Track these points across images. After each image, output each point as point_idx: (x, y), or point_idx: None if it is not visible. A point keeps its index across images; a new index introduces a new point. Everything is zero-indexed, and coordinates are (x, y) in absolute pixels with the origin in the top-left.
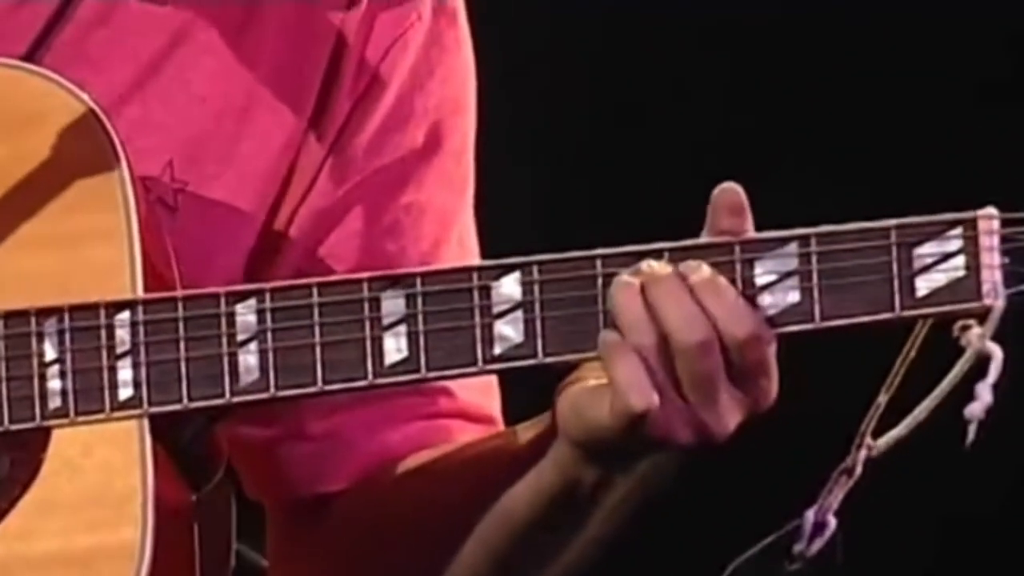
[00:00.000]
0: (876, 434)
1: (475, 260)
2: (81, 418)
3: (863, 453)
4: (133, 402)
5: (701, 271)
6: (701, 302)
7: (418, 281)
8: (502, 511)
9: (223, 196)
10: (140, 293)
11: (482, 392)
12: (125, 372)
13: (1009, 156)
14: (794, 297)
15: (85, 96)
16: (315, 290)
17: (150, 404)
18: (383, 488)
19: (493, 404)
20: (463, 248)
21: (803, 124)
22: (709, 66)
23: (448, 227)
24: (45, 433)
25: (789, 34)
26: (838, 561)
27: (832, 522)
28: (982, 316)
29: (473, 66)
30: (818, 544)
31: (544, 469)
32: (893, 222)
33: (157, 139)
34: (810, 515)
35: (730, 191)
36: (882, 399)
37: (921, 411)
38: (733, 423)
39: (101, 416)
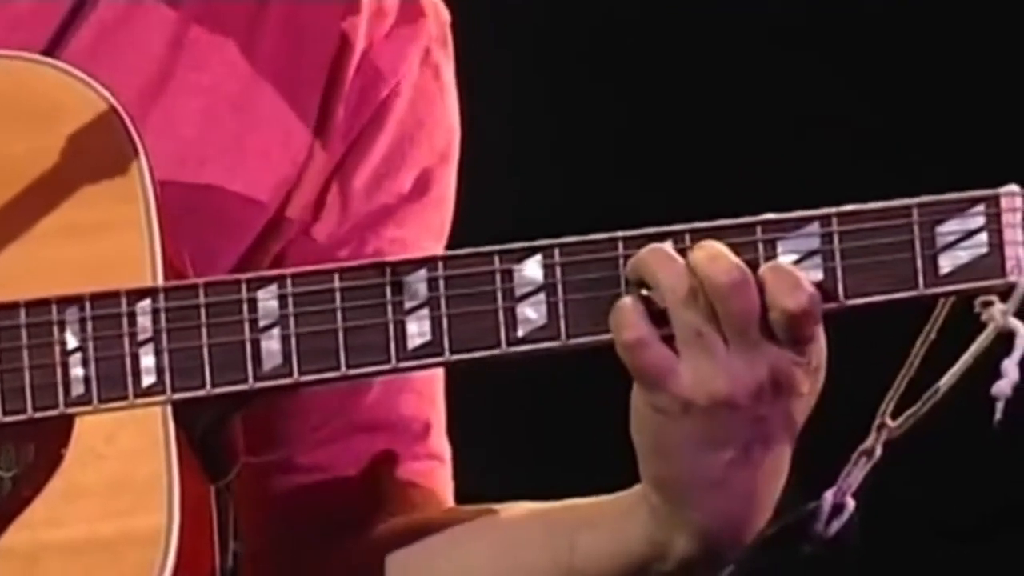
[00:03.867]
0: (897, 414)
1: None
2: (104, 405)
3: (883, 434)
4: (156, 388)
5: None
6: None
7: (440, 265)
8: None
9: (229, 202)
10: (160, 281)
11: (444, 435)
12: (148, 359)
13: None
14: (817, 276)
15: (103, 90)
16: (336, 275)
17: (173, 391)
18: (412, 534)
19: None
20: None
21: (808, 106)
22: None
23: None
24: (68, 421)
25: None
26: (855, 543)
27: (851, 504)
28: (1005, 293)
29: (457, 116)
30: (836, 526)
31: (629, 535)
32: (915, 200)
33: (163, 146)
34: (829, 496)
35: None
36: (901, 379)
37: (941, 389)
38: (772, 382)
39: (124, 403)
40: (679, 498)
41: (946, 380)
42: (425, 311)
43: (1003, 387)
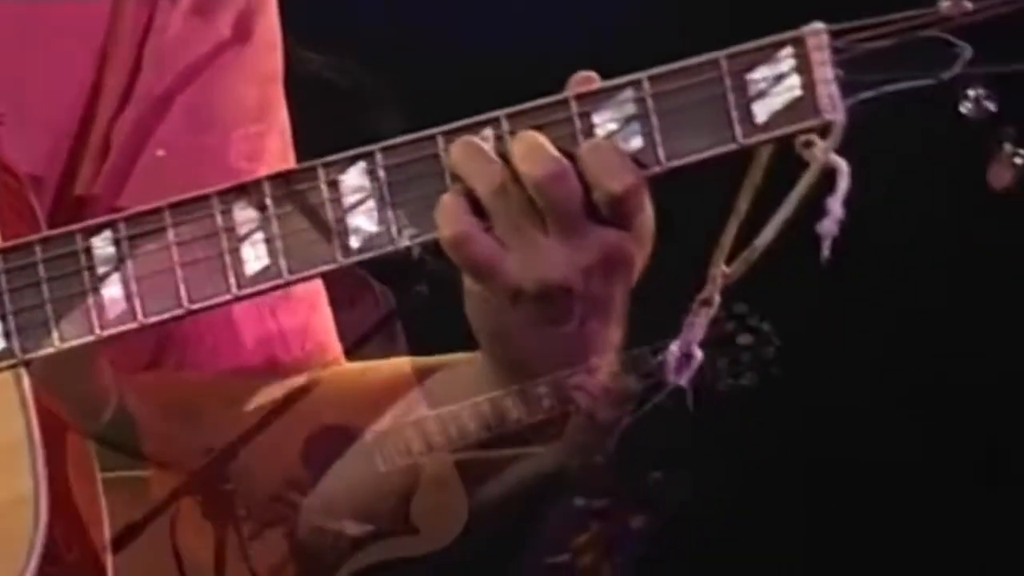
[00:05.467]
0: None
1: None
2: None
3: (718, 282)
4: (5, 353)
5: None
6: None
7: (266, 186)
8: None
9: (41, 115)
10: None
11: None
12: None
13: None
14: (637, 143)
15: None
16: (167, 213)
17: (24, 351)
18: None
19: None
20: (285, 140)
21: None
22: None
23: (266, 118)
24: None
25: None
26: (710, 393)
27: (698, 353)
28: (824, 131)
29: None
30: (687, 375)
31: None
32: (723, 52)
33: None
34: (674, 348)
35: (585, 77)
36: (731, 225)
37: (770, 231)
38: (611, 258)
39: None
40: (518, 371)
41: (774, 223)
42: (259, 235)
43: (828, 225)
